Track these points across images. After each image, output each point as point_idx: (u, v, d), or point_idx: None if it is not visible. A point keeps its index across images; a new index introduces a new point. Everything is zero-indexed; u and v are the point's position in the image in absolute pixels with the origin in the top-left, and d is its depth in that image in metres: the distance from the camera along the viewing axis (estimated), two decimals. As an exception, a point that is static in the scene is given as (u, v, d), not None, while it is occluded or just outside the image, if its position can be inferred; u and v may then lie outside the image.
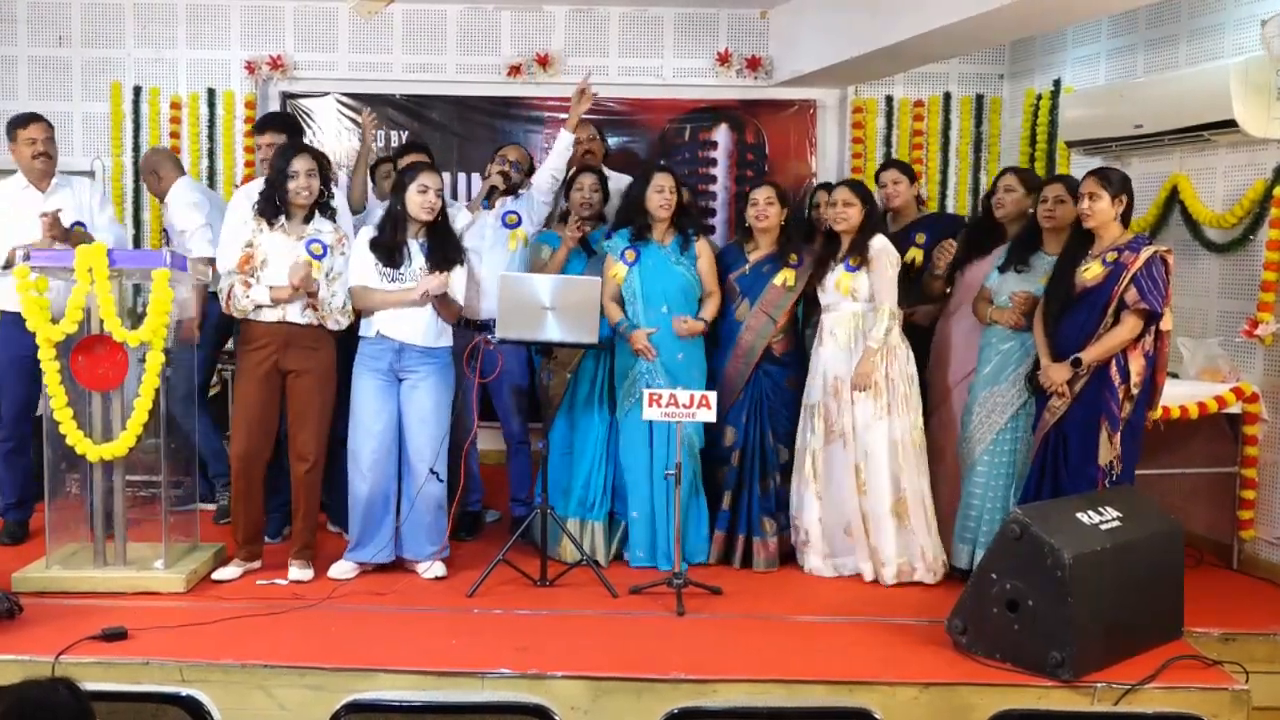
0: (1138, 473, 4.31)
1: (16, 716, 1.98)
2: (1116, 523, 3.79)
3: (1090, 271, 4.22)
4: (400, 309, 4.49)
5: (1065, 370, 4.21)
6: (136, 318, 4.46)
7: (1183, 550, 4.08)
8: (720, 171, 6.82)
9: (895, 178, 5.20)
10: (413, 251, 4.53)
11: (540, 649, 3.80)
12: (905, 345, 4.65)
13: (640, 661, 3.72)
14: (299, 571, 4.51)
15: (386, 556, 4.61)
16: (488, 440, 5.31)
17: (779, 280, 4.81)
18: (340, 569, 4.57)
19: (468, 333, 4.86)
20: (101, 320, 4.21)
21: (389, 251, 4.52)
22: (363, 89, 6.69)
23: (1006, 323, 4.51)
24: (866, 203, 4.67)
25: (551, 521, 4.60)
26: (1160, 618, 3.91)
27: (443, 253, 4.54)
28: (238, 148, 6.69)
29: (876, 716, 2.77)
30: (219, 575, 4.51)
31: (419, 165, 4.61)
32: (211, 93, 6.69)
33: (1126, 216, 4.27)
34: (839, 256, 4.69)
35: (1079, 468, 4.21)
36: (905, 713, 3.53)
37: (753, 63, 6.74)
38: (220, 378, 5.91)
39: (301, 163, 4.44)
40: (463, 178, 6.74)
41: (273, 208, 4.45)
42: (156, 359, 4.27)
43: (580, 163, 5.37)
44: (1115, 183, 4.22)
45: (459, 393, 4.76)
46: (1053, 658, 3.57)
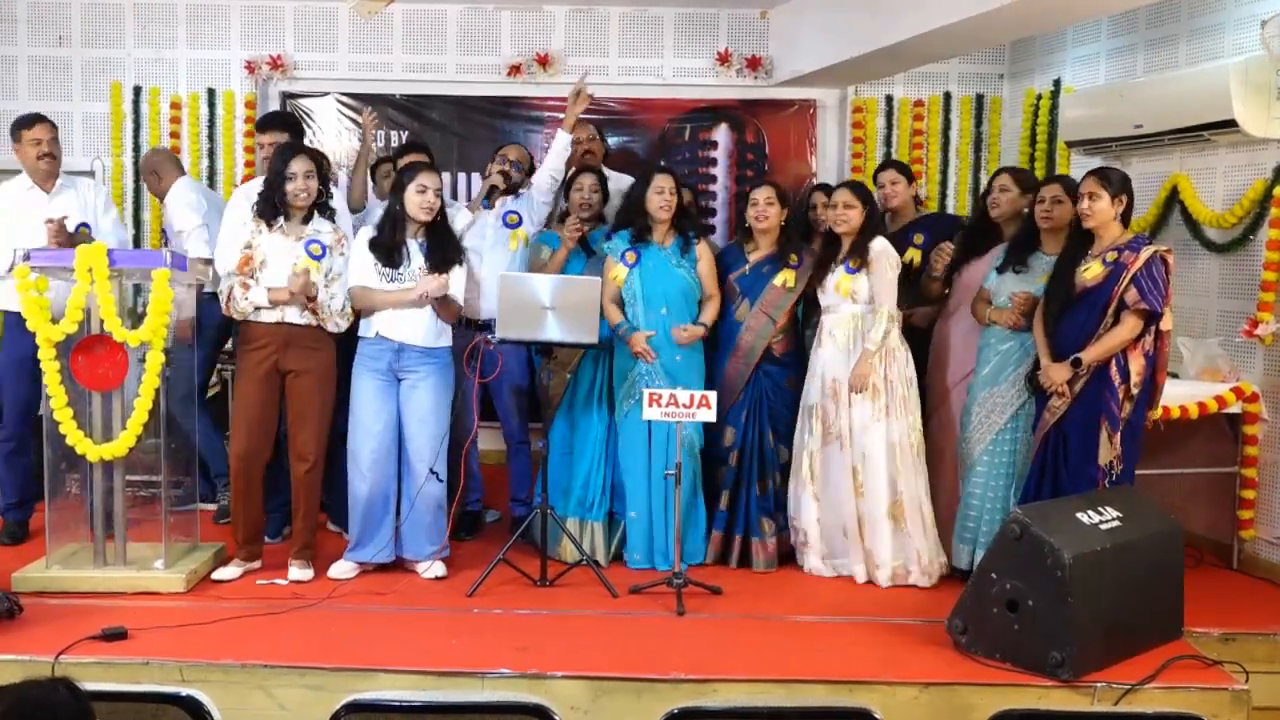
0: (1138, 473, 4.31)
1: (17, 716, 1.98)
2: (1116, 523, 3.79)
3: (1090, 271, 4.22)
4: (399, 309, 4.50)
5: (1065, 370, 4.21)
6: (136, 318, 4.46)
7: (1183, 550, 4.08)
8: (720, 171, 6.82)
9: (893, 178, 5.20)
10: (412, 251, 4.53)
11: (540, 649, 3.80)
12: (905, 347, 4.64)
13: (640, 661, 3.72)
14: (299, 571, 4.51)
15: (386, 556, 4.61)
16: (488, 440, 5.31)
17: (779, 281, 4.81)
18: (340, 569, 4.57)
19: (468, 332, 4.87)
20: (101, 320, 4.21)
21: (388, 252, 4.52)
22: (363, 89, 6.69)
23: (1005, 323, 4.51)
24: (867, 205, 4.67)
25: (551, 521, 4.60)
26: (1160, 618, 3.91)
27: (442, 253, 4.54)
28: (238, 148, 6.69)
29: (876, 716, 2.77)
30: (219, 575, 4.51)
31: (418, 165, 4.60)
32: (211, 93, 6.69)
33: (1126, 216, 4.27)
34: (839, 258, 4.68)
35: (1079, 468, 4.21)
36: (905, 713, 3.53)
37: (753, 63, 6.74)
38: (220, 378, 5.91)
39: (300, 164, 4.44)
40: (463, 178, 6.74)
41: (271, 209, 4.45)
42: (156, 359, 4.27)
43: (580, 163, 5.37)
44: (1115, 182, 4.23)
45: (459, 392, 4.76)
46: (1053, 658, 3.57)
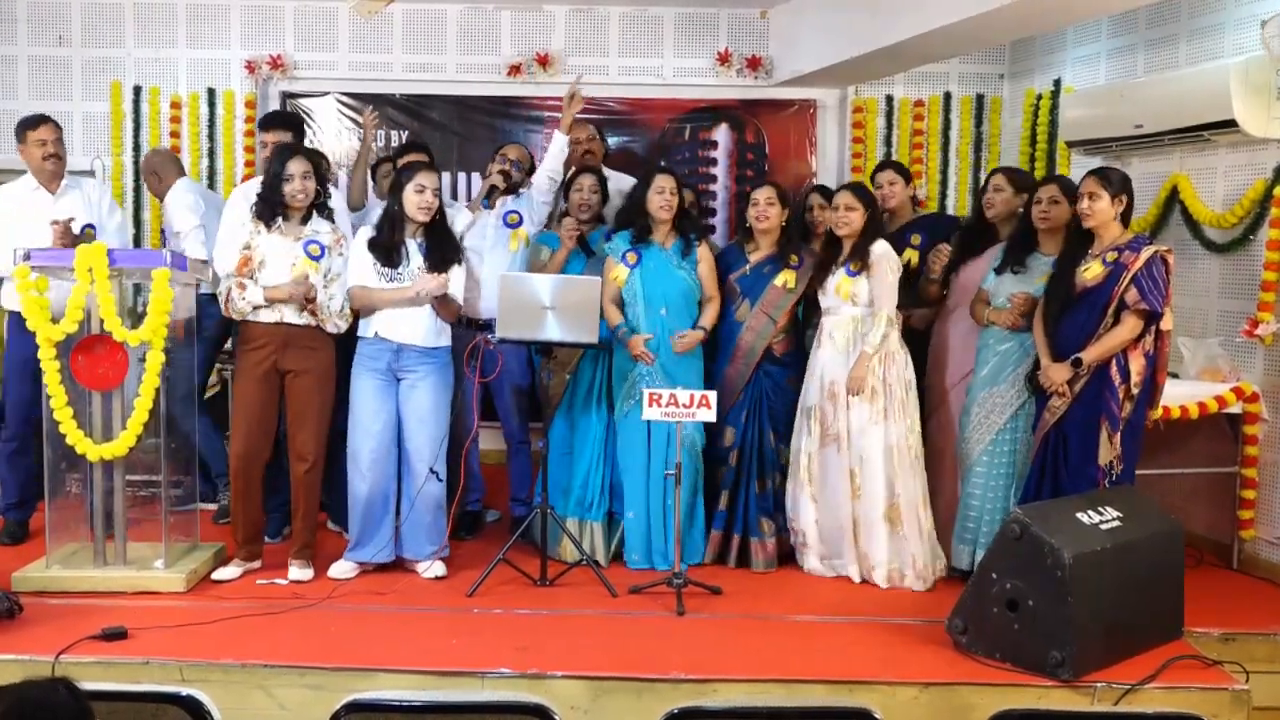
0: (1138, 472, 4.31)
1: (16, 716, 1.98)
2: (1116, 523, 3.79)
3: (1090, 271, 4.22)
4: (399, 309, 4.50)
5: (1065, 370, 4.20)
6: (136, 318, 4.46)
7: (1183, 550, 4.08)
8: (720, 171, 6.82)
9: (891, 178, 5.19)
10: (411, 251, 4.53)
11: (540, 649, 3.80)
12: (904, 351, 4.63)
13: (640, 661, 3.72)
14: (299, 571, 4.51)
15: (386, 556, 4.61)
16: (488, 440, 5.31)
17: (779, 281, 4.80)
18: (340, 569, 4.57)
19: (468, 332, 4.87)
20: (101, 320, 4.21)
21: (387, 252, 4.51)
22: (363, 89, 6.68)
23: (1004, 323, 4.51)
24: (869, 207, 4.65)
25: (551, 521, 4.60)
26: (1160, 617, 3.91)
27: (440, 253, 4.54)
28: (238, 147, 6.69)
29: (876, 716, 2.77)
30: (219, 575, 4.51)
31: (416, 165, 4.60)
32: (211, 92, 6.69)
33: (1126, 216, 4.27)
34: (840, 260, 4.67)
35: (1079, 467, 4.21)
36: (905, 712, 3.53)
37: (753, 62, 6.74)
38: (220, 377, 5.91)
39: (297, 165, 4.44)
40: (463, 177, 6.74)
41: (270, 210, 4.45)
42: (156, 359, 4.27)
43: (580, 163, 5.36)
44: (1115, 182, 4.23)
45: (459, 392, 4.76)
46: (1053, 657, 3.57)
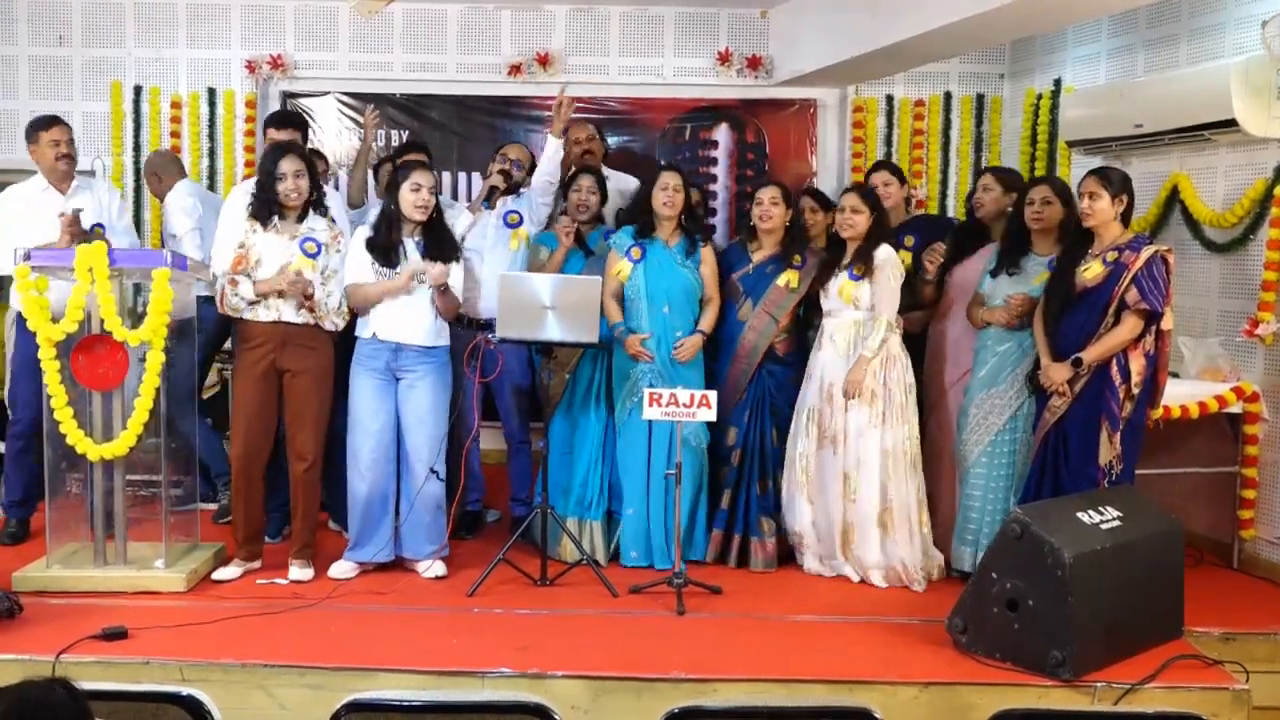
0: (1138, 472, 4.31)
1: (16, 717, 1.98)
2: (1117, 522, 3.79)
3: (1090, 271, 4.22)
4: (398, 310, 4.49)
5: (1066, 370, 4.20)
6: (136, 317, 4.46)
7: (1183, 550, 4.07)
8: (720, 171, 6.82)
9: (886, 179, 5.18)
10: (408, 250, 4.53)
11: (540, 648, 3.80)
12: (905, 355, 4.62)
13: (640, 661, 3.72)
14: (299, 571, 4.51)
15: (386, 556, 4.61)
16: (488, 440, 5.31)
17: (782, 281, 4.80)
18: (340, 569, 4.57)
19: (468, 332, 4.87)
20: (101, 320, 4.21)
21: (385, 251, 4.51)
22: (363, 88, 6.67)
23: (999, 321, 4.51)
24: (874, 210, 4.63)
25: (551, 521, 4.60)
26: (1160, 617, 3.91)
27: (438, 251, 4.54)
28: (238, 147, 6.69)
29: (877, 716, 2.77)
30: (219, 575, 4.51)
31: (411, 164, 4.60)
32: (212, 92, 6.69)
33: (1127, 216, 4.27)
34: (843, 263, 4.66)
35: (1079, 467, 4.21)
36: (905, 712, 3.53)
37: (753, 62, 6.73)
38: (220, 377, 5.91)
39: (289, 164, 4.43)
40: (463, 177, 6.73)
41: (266, 209, 4.45)
42: (156, 359, 4.27)
43: (579, 163, 5.36)
44: (1115, 182, 4.23)
45: (459, 392, 4.76)
46: (1053, 657, 3.57)
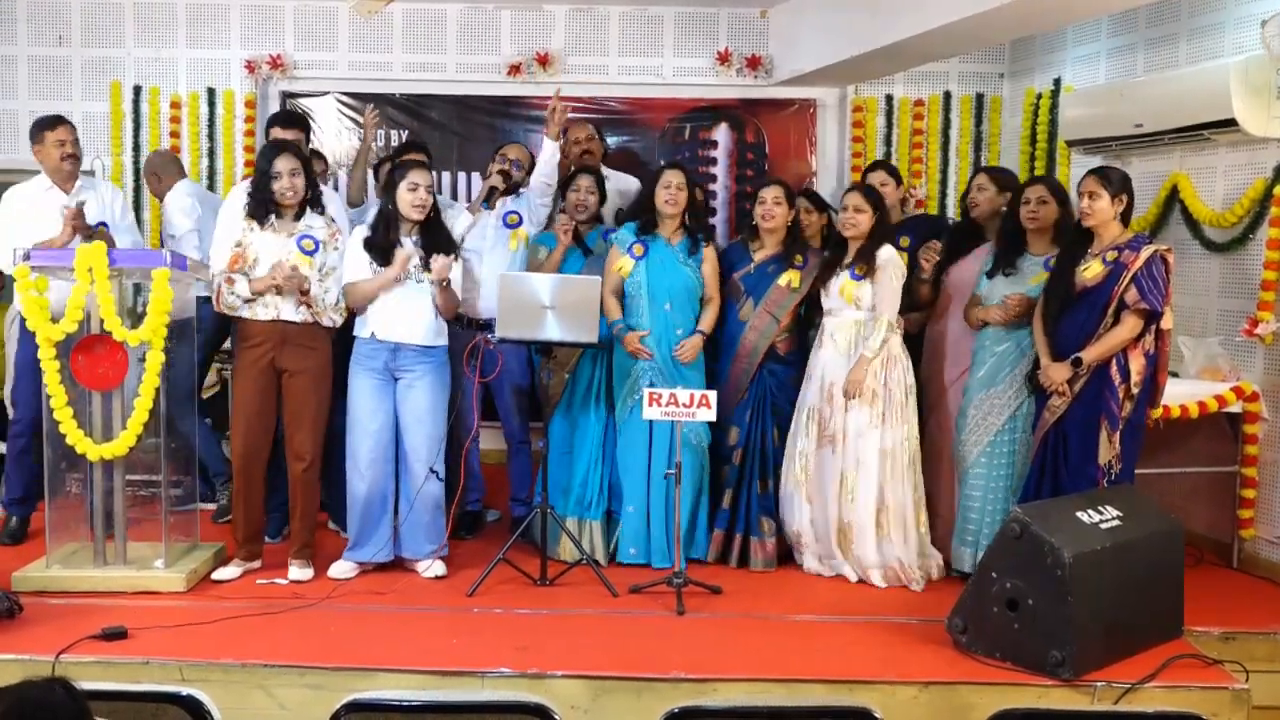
0: (1138, 472, 4.31)
1: (16, 717, 1.98)
2: (1116, 522, 3.79)
3: (1090, 271, 4.22)
4: (396, 309, 4.48)
5: (1065, 370, 4.20)
6: (136, 317, 4.47)
7: (1183, 549, 4.07)
8: (720, 171, 6.81)
9: (882, 179, 5.17)
10: (406, 249, 4.51)
11: (540, 648, 3.80)
12: (905, 355, 4.62)
13: (640, 661, 3.72)
14: (299, 571, 4.51)
15: (385, 556, 4.61)
16: (488, 440, 5.31)
17: (784, 281, 4.79)
18: (340, 569, 4.57)
19: (468, 332, 4.87)
20: (101, 320, 4.21)
21: (383, 251, 4.50)
22: (363, 88, 6.67)
23: (995, 320, 4.51)
24: (877, 210, 4.63)
25: (551, 521, 4.60)
26: (1160, 617, 3.91)
27: (436, 250, 4.53)
28: (238, 147, 6.68)
29: (876, 716, 2.76)
30: (219, 575, 4.51)
31: (408, 164, 4.59)
32: (211, 92, 6.69)
33: (1127, 216, 4.27)
34: (845, 262, 4.66)
35: (1079, 467, 4.21)
36: (905, 712, 3.53)
37: (753, 62, 6.73)
38: (220, 377, 5.91)
39: (284, 162, 4.43)
40: (463, 177, 6.73)
41: (263, 208, 4.45)
42: (156, 359, 4.27)
43: (579, 163, 5.37)
44: (1115, 182, 4.23)
45: (459, 392, 4.76)
46: (1053, 657, 3.57)
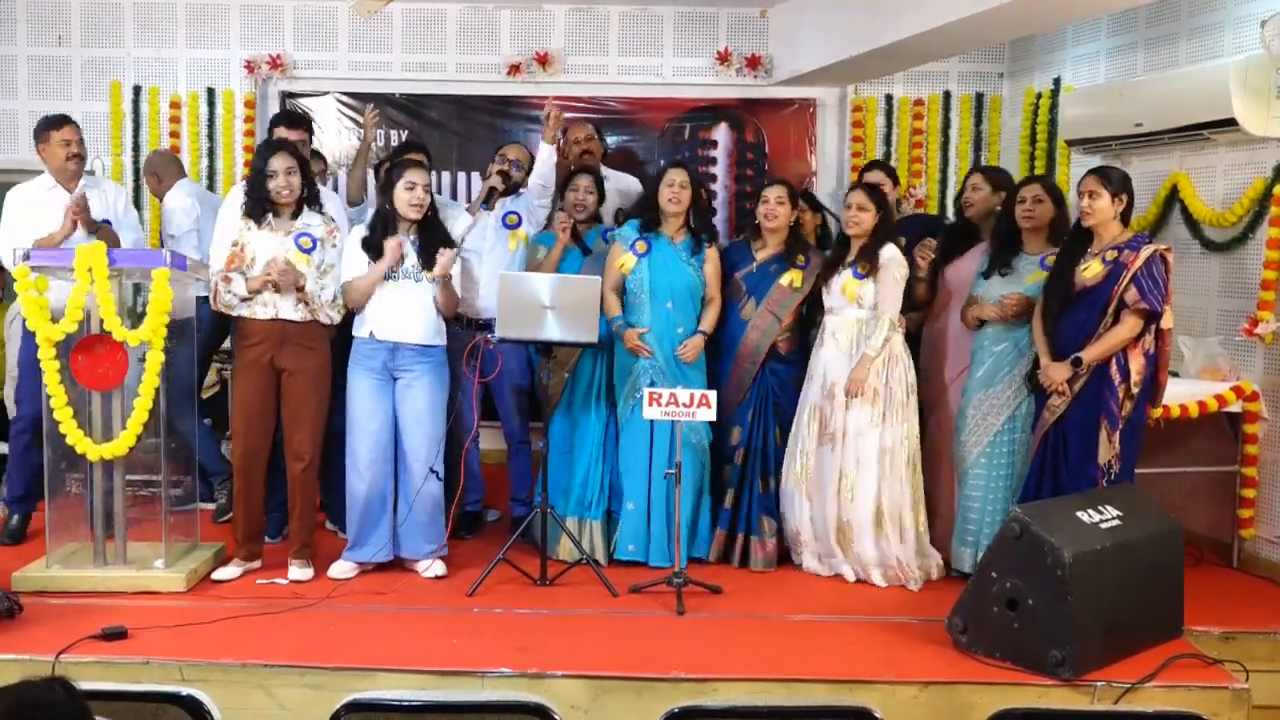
0: (1138, 471, 4.31)
1: (15, 717, 1.98)
2: (1116, 521, 3.79)
3: (1090, 270, 4.22)
4: (395, 309, 4.48)
5: (1065, 369, 4.20)
6: (136, 317, 4.46)
7: (1183, 549, 4.07)
8: (720, 170, 6.81)
9: (879, 179, 5.18)
10: (405, 249, 4.51)
11: (540, 648, 3.80)
12: (907, 355, 4.62)
13: (640, 660, 3.72)
14: (299, 571, 4.51)
15: (385, 556, 4.61)
16: (488, 440, 5.31)
17: (785, 280, 4.79)
18: (340, 569, 4.57)
19: (467, 332, 4.87)
20: (101, 320, 4.21)
21: (380, 251, 4.50)
22: (362, 88, 6.66)
23: (990, 317, 4.51)
24: (881, 209, 4.63)
25: (551, 521, 4.59)
26: (1160, 616, 3.91)
27: (434, 249, 4.53)
28: (237, 147, 6.68)
29: (877, 715, 2.76)
30: (219, 575, 4.51)
31: (405, 163, 4.59)
32: (211, 92, 6.69)
33: (1126, 215, 4.27)
34: (847, 261, 4.66)
35: (1079, 467, 4.21)
36: (905, 712, 3.53)
37: (752, 61, 6.73)
38: (220, 377, 5.91)
39: (279, 161, 4.42)
40: (463, 177, 6.73)
41: (259, 207, 4.45)
42: (156, 359, 4.27)
43: (578, 162, 5.37)
44: (1115, 181, 4.23)
45: (459, 392, 4.76)
46: (1053, 656, 3.57)
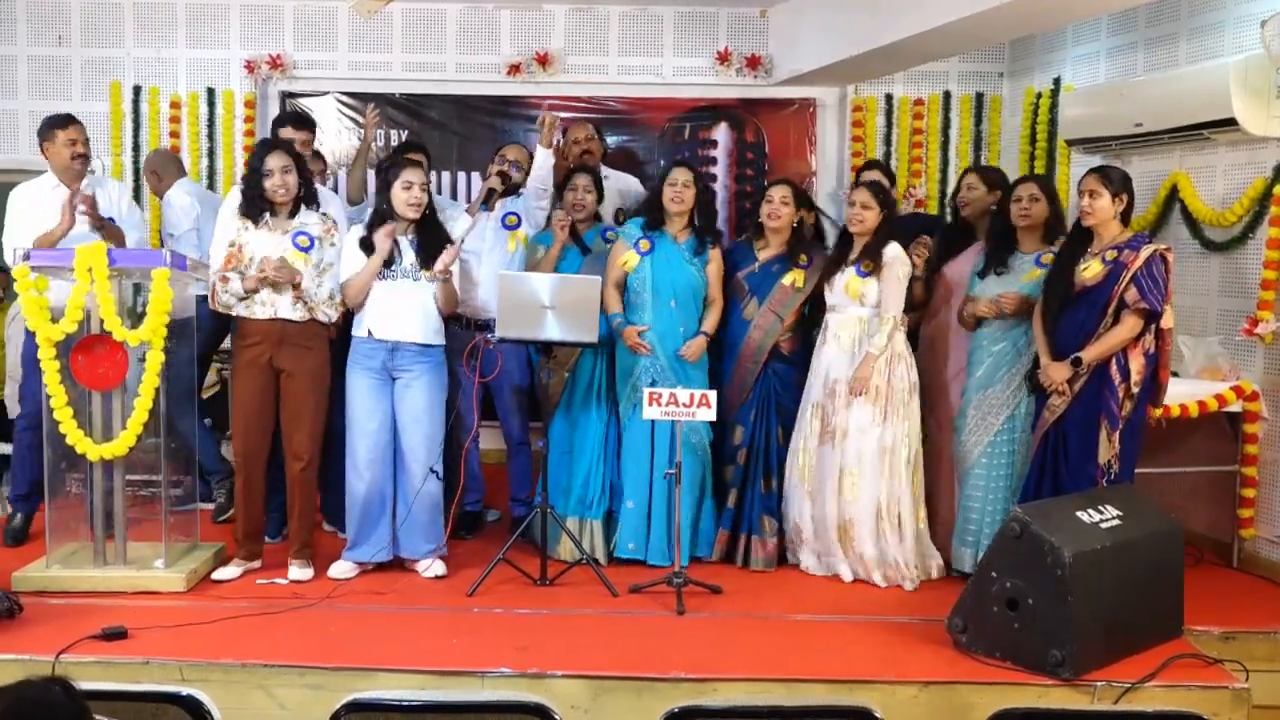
0: (1138, 471, 4.31)
1: (14, 717, 1.98)
2: (1116, 521, 3.79)
3: (1090, 270, 4.22)
4: (394, 308, 4.48)
5: (1065, 369, 4.20)
6: (136, 317, 4.46)
7: (1183, 549, 4.07)
8: (720, 170, 6.81)
9: (876, 179, 5.17)
10: (403, 248, 4.52)
11: (540, 648, 3.80)
12: (909, 353, 4.62)
13: (640, 660, 3.72)
14: (299, 571, 4.51)
15: (384, 556, 4.61)
16: (488, 440, 5.30)
17: (788, 280, 4.79)
18: (340, 569, 4.57)
19: (467, 333, 4.87)
20: (101, 320, 4.21)
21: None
22: (362, 88, 6.66)
23: (984, 313, 4.52)
24: (885, 207, 4.63)
25: (551, 520, 4.59)
26: (1160, 616, 3.91)
27: (433, 248, 4.53)
28: (237, 147, 6.68)
29: (877, 715, 2.76)
30: (219, 575, 4.51)
31: (402, 163, 4.58)
32: (211, 92, 6.69)
33: (1127, 215, 4.27)
34: (850, 259, 4.66)
35: (1079, 466, 4.21)
36: (905, 711, 3.53)
37: (752, 61, 6.73)
38: (220, 377, 5.91)
39: (275, 160, 4.42)
40: (463, 177, 6.73)
41: (255, 206, 4.44)
42: (156, 359, 4.27)
43: (578, 162, 5.37)
44: (1116, 181, 4.23)
45: (458, 392, 4.76)
46: (1053, 656, 3.57)
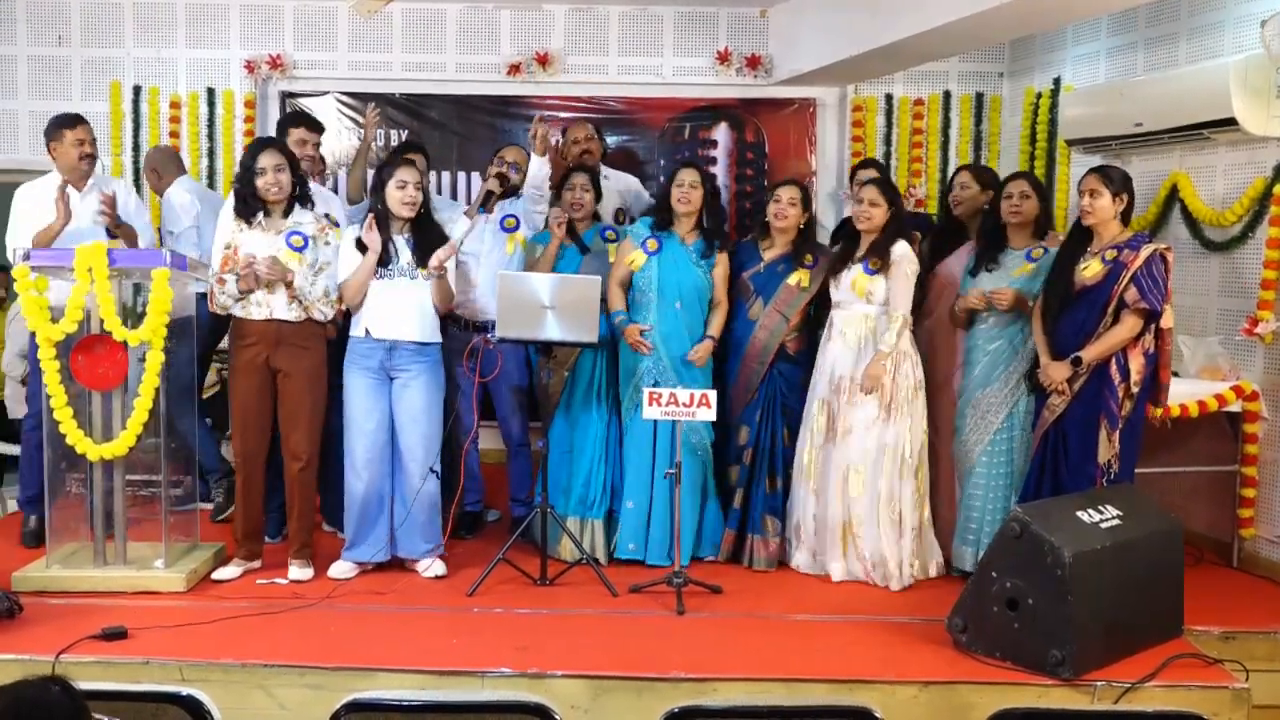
0: (1138, 471, 4.31)
1: (13, 716, 1.98)
2: (1116, 521, 3.79)
3: (1090, 270, 4.22)
4: (391, 306, 4.47)
5: (1065, 369, 4.20)
6: (136, 317, 4.46)
7: (1182, 548, 4.07)
8: (720, 170, 6.81)
9: (871, 177, 5.18)
10: (399, 247, 4.52)
11: (540, 648, 3.80)
12: (915, 351, 4.62)
13: (640, 660, 3.72)
14: (299, 571, 4.51)
15: (383, 556, 4.61)
16: (488, 440, 5.31)
17: (793, 280, 4.79)
18: (339, 569, 4.57)
19: (466, 334, 4.87)
20: (101, 320, 4.21)
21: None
22: (362, 88, 6.67)
23: (974, 305, 4.53)
24: (892, 205, 4.63)
25: (551, 520, 4.59)
26: (1160, 616, 3.91)
27: (429, 247, 4.51)
28: (237, 147, 6.67)
29: (877, 715, 2.77)
30: (219, 575, 4.51)
31: (396, 162, 4.58)
32: (211, 92, 6.69)
33: (1127, 215, 4.28)
34: (857, 256, 4.66)
35: (1079, 466, 4.21)
36: (905, 711, 3.53)
37: (752, 61, 6.73)
38: (220, 377, 5.91)
39: (268, 159, 4.41)
40: (462, 177, 6.73)
41: (248, 206, 4.44)
42: (156, 359, 4.27)
43: (578, 162, 5.37)
44: (1116, 180, 4.23)
45: (458, 392, 4.75)
46: (1053, 656, 3.57)
